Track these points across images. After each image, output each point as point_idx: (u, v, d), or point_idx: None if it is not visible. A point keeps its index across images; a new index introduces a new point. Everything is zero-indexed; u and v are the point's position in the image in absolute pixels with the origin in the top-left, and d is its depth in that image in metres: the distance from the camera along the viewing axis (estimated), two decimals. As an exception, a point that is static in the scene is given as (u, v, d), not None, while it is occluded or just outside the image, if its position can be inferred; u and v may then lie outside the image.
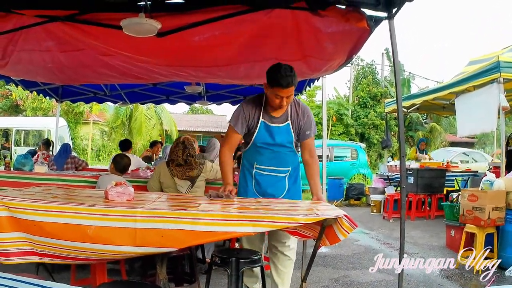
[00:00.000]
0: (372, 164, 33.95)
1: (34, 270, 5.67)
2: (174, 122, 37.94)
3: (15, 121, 29.81)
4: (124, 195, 4.58)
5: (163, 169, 7.15)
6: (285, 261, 5.78)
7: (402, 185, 5.23)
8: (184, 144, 7.00)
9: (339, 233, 4.06)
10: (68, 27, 5.54)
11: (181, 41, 5.89)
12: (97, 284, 4.87)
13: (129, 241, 3.79)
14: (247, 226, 3.84)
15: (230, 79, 8.71)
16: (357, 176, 22.44)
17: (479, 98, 10.32)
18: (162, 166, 7.22)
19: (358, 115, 39.43)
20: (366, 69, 45.60)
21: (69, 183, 8.06)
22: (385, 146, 18.17)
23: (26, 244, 3.95)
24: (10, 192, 4.67)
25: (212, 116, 54.96)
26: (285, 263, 5.80)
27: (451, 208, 9.60)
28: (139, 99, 14.23)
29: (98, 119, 41.26)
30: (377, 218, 14.75)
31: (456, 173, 16.01)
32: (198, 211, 3.99)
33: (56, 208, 3.89)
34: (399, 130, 5.35)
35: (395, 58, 5.20)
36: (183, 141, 7.05)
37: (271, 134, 5.49)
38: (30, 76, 9.31)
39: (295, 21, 5.41)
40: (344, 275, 7.85)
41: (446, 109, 15.29)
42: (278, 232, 5.14)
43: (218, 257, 4.98)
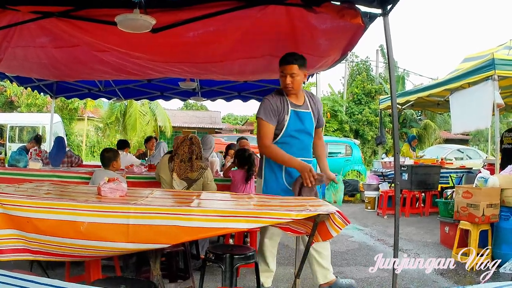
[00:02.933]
0: (366, 160, 34.02)
1: (28, 267, 5.65)
2: (169, 118, 37.88)
3: (9, 117, 29.66)
4: (117, 191, 4.57)
5: (163, 163, 7.16)
6: (325, 243, 6.12)
7: (396, 182, 5.24)
8: (191, 141, 7.01)
9: (332, 229, 4.07)
10: (62, 23, 5.53)
11: (175, 37, 5.90)
12: (91, 280, 4.87)
13: (122, 237, 3.78)
14: (241, 222, 3.84)
15: (225, 75, 8.71)
16: (351, 172, 22.43)
17: (474, 95, 10.33)
18: (164, 160, 7.23)
19: (352, 112, 39.45)
20: (360, 66, 45.74)
21: (64, 179, 8.07)
22: (379, 142, 18.18)
23: (19, 241, 3.93)
24: (3, 188, 4.67)
25: (206, 112, 55.05)
26: (325, 245, 6.22)
27: (445, 205, 9.61)
28: (134, 95, 14.19)
29: (92, 115, 41.15)
30: (371, 214, 14.75)
31: (450, 170, 16.04)
32: (192, 207, 3.99)
33: (49, 204, 3.88)
34: (393, 127, 5.36)
35: (390, 55, 5.21)
36: (190, 138, 7.06)
37: (301, 120, 5.83)
38: (24, 72, 9.31)
39: (289, 17, 5.42)
40: (338, 271, 7.84)
41: (441, 106, 15.31)
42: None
43: (212, 253, 4.99)
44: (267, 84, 11.71)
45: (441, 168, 15.04)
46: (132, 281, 4.18)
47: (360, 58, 46.37)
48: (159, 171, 7.29)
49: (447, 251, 8.77)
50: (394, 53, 5.31)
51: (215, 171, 8.76)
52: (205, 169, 7.08)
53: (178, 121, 45.30)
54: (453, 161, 19.70)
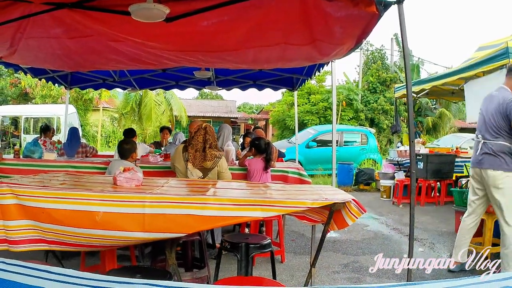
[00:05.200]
0: (382, 149, 33.89)
1: (43, 257, 5.68)
2: (184, 108, 37.96)
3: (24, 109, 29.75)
4: (133, 180, 4.58)
5: (178, 153, 7.17)
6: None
7: (412, 171, 5.21)
8: (205, 130, 7.01)
9: (347, 217, 4.07)
10: (76, 13, 5.52)
11: (189, 26, 5.87)
12: (106, 270, 4.88)
13: (137, 226, 3.79)
14: (256, 211, 3.84)
15: (239, 63, 8.68)
16: (367, 161, 22.34)
17: (489, 84, 10.23)
18: (178, 150, 7.24)
19: (367, 100, 39.27)
20: (375, 54, 45.50)
21: (79, 170, 8.10)
22: (395, 131, 18.08)
23: (34, 232, 3.96)
24: (19, 179, 4.68)
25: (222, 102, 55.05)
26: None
27: (460, 194, 9.55)
28: (149, 85, 14.26)
29: (107, 105, 41.24)
30: (387, 203, 14.73)
31: (465, 159, 15.92)
32: (207, 196, 3.99)
33: (64, 194, 3.89)
34: (409, 116, 5.33)
35: (404, 43, 5.18)
36: (205, 127, 7.05)
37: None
38: (38, 64, 9.32)
39: (303, 5, 5.37)
40: (353, 260, 7.85)
41: (455, 95, 15.23)
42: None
43: (228, 242, 4.99)
44: (282, 73, 11.71)
45: (456, 157, 14.95)
46: (147, 270, 4.19)
47: (375, 47, 46.19)
48: (174, 161, 7.31)
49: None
50: (408, 41, 5.27)
51: (230, 160, 8.73)
52: (220, 158, 7.07)
53: (194, 110, 45.37)
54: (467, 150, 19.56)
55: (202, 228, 4.41)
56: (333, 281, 6.80)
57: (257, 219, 5.89)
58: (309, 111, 35.76)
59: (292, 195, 4.29)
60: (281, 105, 38.86)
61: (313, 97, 36.36)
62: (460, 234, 7.19)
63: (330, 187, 5.41)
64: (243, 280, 4.53)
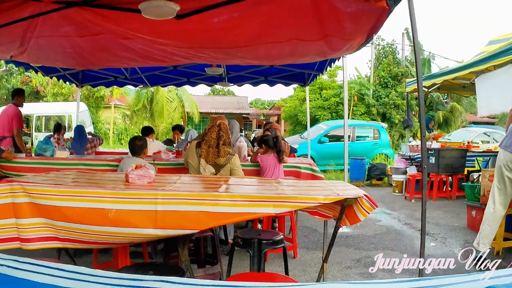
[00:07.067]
0: (394, 144, 33.82)
1: (56, 255, 5.70)
2: (196, 104, 37.98)
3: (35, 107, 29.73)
4: (145, 177, 4.59)
5: (191, 149, 7.18)
6: None
7: (423, 165, 5.20)
8: (219, 127, 7.02)
9: (359, 213, 4.08)
10: (85, 11, 5.52)
11: (200, 23, 5.86)
12: (119, 267, 4.90)
13: (150, 223, 3.80)
14: (268, 207, 3.84)
15: (250, 59, 8.68)
16: (379, 156, 22.33)
17: (500, 78, 10.22)
18: (191, 146, 7.25)
19: (379, 95, 39.17)
20: (386, 49, 45.41)
21: (91, 167, 8.11)
22: (407, 126, 18.01)
23: (47, 230, 3.97)
24: (31, 178, 4.70)
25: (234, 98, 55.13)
26: None
27: (472, 188, 9.54)
28: (160, 82, 14.25)
29: (119, 103, 41.33)
30: (399, 198, 14.70)
31: (477, 154, 15.88)
32: (219, 193, 4.00)
33: (76, 192, 3.91)
34: (420, 110, 5.31)
35: (415, 38, 5.16)
36: (219, 124, 7.06)
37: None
38: (49, 62, 9.34)
39: (314, 1, 5.36)
40: (366, 255, 7.84)
41: (467, 89, 15.21)
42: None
43: (241, 238, 5.00)
44: (294, 69, 11.70)
45: (467, 152, 14.89)
46: (160, 267, 4.20)
47: (386, 41, 46.06)
48: (187, 157, 7.32)
49: (473, 235, 8.62)
50: (419, 36, 5.27)
51: (242, 156, 8.73)
52: (233, 155, 7.08)
53: (205, 106, 45.50)
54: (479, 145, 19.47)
55: (214, 225, 4.42)
56: (346, 277, 6.80)
57: (269, 215, 5.89)
58: (321, 106, 35.78)
59: (304, 191, 4.30)
60: (293, 101, 38.86)
61: (325, 92, 36.39)
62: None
63: (342, 182, 5.41)
64: (255, 276, 4.54)
